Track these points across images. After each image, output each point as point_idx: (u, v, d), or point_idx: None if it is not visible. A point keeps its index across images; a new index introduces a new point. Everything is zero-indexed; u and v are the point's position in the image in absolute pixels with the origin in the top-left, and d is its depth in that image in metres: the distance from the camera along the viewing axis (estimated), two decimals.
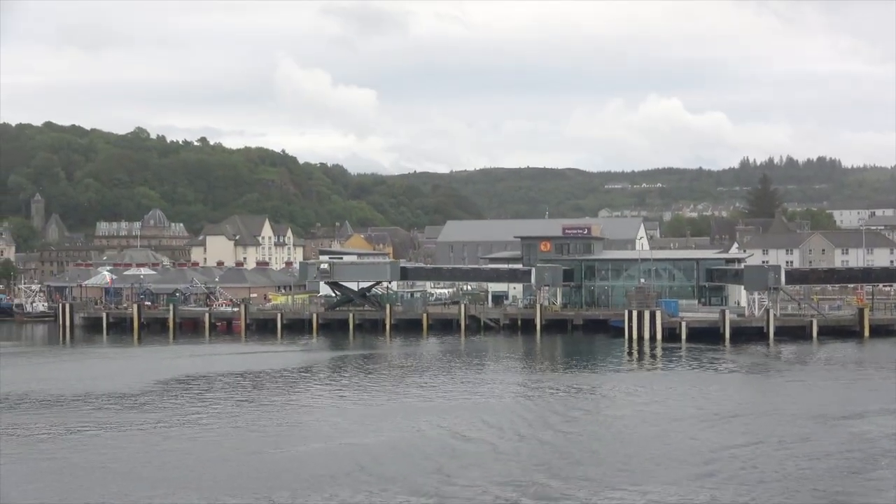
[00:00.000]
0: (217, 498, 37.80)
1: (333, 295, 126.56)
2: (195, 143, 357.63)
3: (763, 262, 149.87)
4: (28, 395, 65.95)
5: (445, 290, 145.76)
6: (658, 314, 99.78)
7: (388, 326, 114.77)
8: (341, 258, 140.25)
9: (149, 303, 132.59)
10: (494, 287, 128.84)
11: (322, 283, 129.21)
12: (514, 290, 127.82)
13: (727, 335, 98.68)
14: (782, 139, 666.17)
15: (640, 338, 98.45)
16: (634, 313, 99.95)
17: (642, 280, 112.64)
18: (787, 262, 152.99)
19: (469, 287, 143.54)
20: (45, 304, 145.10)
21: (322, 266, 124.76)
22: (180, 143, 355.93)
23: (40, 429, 53.19)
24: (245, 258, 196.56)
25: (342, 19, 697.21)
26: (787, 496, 38.30)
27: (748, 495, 38.19)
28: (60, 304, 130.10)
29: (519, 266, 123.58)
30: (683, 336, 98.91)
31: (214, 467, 43.29)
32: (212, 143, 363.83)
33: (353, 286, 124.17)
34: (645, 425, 53.51)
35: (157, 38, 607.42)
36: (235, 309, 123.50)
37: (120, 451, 47.08)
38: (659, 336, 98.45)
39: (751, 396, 65.98)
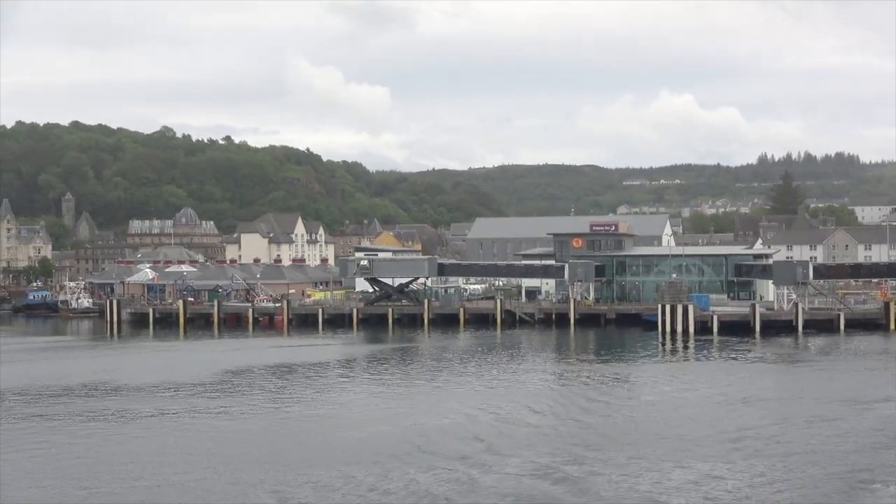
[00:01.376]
0: (304, 473, 40.83)
1: (371, 290, 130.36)
2: (220, 142, 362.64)
3: (787, 257, 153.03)
4: (104, 384, 69.68)
5: (479, 287, 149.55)
6: (690, 308, 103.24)
7: (426, 321, 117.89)
8: (376, 255, 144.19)
9: (191, 298, 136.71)
10: (528, 282, 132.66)
11: (357, 279, 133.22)
12: (547, 285, 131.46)
13: (757, 328, 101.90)
14: (797, 135, 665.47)
15: (673, 331, 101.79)
16: (668, 307, 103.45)
17: (674, 275, 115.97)
18: (811, 258, 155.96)
19: (500, 283, 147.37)
20: (90, 300, 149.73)
21: (362, 262, 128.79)
22: (206, 141, 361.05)
23: (127, 413, 56.79)
24: (279, 255, 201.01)
25: (349, 17, 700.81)
26: (816, 468, 41.18)
27: (778, 468, 41.15)
28: (108, 300, 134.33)
29: (552, 262, 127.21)
30: (715, 329, 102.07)
31: (288, 448, 46.51)
32: (235, 141, 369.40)
33: (390, 282, 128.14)
34: (681, 408, 56.66)
35: (164, 36, 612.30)
36: (277, 304, 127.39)
37: (211, 432, 50.89)
38: (691, 329, 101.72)
39: (780, 382, 69.51)
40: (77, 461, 44.35)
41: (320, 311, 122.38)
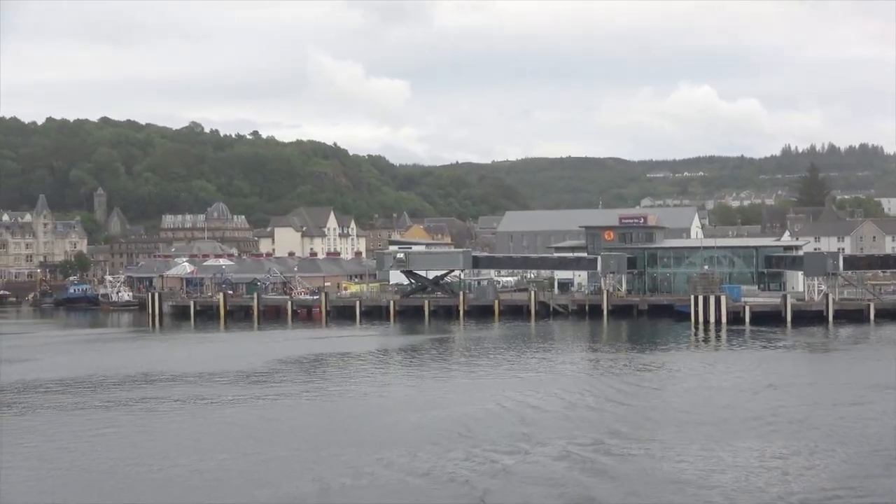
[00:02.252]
0: (343, 459, 42.08)
1: (407, 283, 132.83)
2: (248, 137, 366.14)
3: (815, 249, 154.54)
4: (164, 373, 71.79)
5: (511, 279, 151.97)
6: (723, 299, 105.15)
7: (461, 312, 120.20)
8: (410, 248, 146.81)
9: (230, 291, 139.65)
10: (560, 274, 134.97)
11: (391, 272, 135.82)
12: (579, 277, 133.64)
13: (788, 318, 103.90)
14: (819, 126, 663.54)
15: (706, 321, 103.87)
16: (700, 298, 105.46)
17: (706, 267, 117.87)
18: (839, 249, 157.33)
19: (532, 275, 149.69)
20: (130, 293, 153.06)
21: (398, 255, 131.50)
22: (233, 136, 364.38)
23: (179, 399, 59.07)
24: (313, 248, 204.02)
25: (367, 11, 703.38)
26: (841, 446, 42.99)
27: (812, 448, 42.89)
28: (150, 293, 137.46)
29: (584, 254, 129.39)
30: (747, 319, 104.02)
31: (328, 434, 47.84)
32: (262, 135, 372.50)
33: (424, 274, 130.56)
34: (717, 394, 58.27)
35: (179, 32, 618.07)
36: (315, 297, 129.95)
37: (254, 419, 52.64)
38: (724, 319, 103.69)
39: (812, 369, 71.61)
40: (132, 444, 46.07)
41: (358, 303, 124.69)
